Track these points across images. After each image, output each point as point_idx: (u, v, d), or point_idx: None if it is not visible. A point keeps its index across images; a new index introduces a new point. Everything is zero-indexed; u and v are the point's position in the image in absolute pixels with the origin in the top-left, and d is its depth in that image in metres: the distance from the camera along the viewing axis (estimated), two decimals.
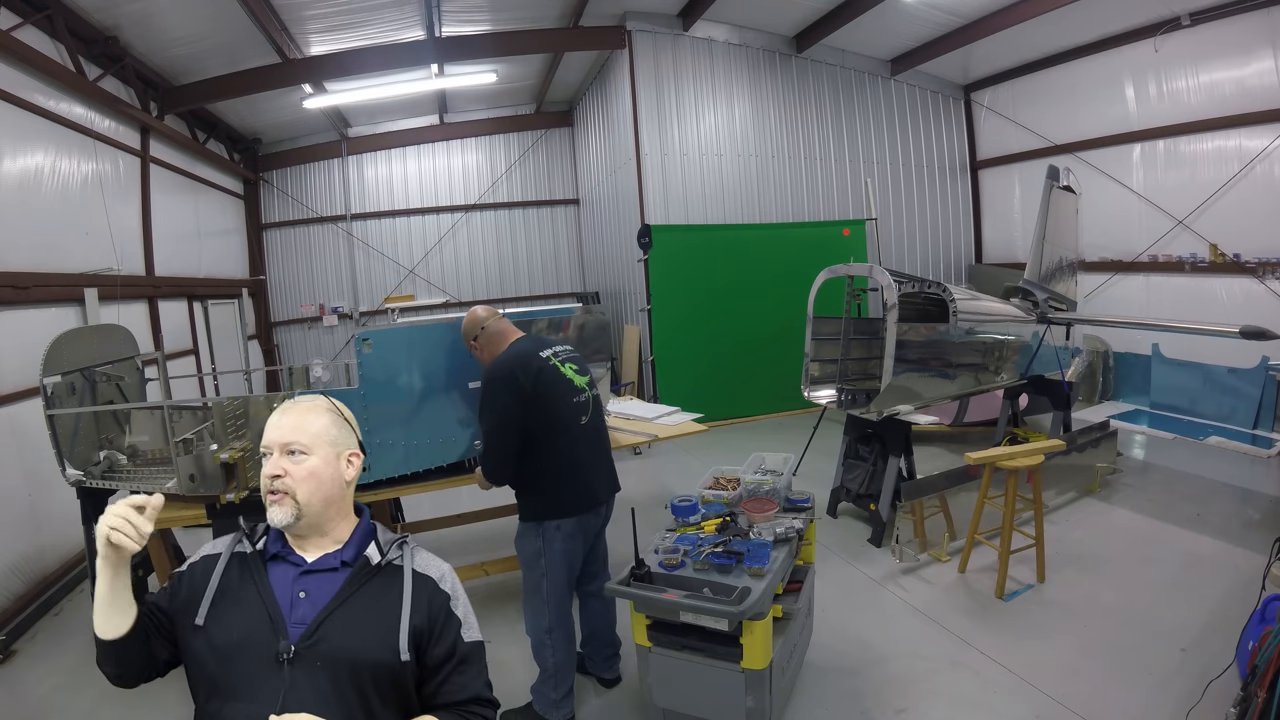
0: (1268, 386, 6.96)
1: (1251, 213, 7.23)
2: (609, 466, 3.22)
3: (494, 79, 9.46)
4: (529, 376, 2.87)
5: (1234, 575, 3.96)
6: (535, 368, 2.91)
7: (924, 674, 3.33)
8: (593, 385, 3.14)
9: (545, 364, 2.95)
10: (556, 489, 2.97)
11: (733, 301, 8.94)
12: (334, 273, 11.90)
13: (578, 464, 3.01)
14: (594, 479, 3.09)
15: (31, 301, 5.34)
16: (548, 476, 2.95)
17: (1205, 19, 7.38)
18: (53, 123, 5.91)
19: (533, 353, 2.96)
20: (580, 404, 3.03)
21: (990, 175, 10.84)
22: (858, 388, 5.56)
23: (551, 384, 2.94)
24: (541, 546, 2.98)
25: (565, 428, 2.97)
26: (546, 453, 2.93)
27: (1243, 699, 2.41)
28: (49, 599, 4.78)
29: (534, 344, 3.04)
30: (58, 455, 3.49)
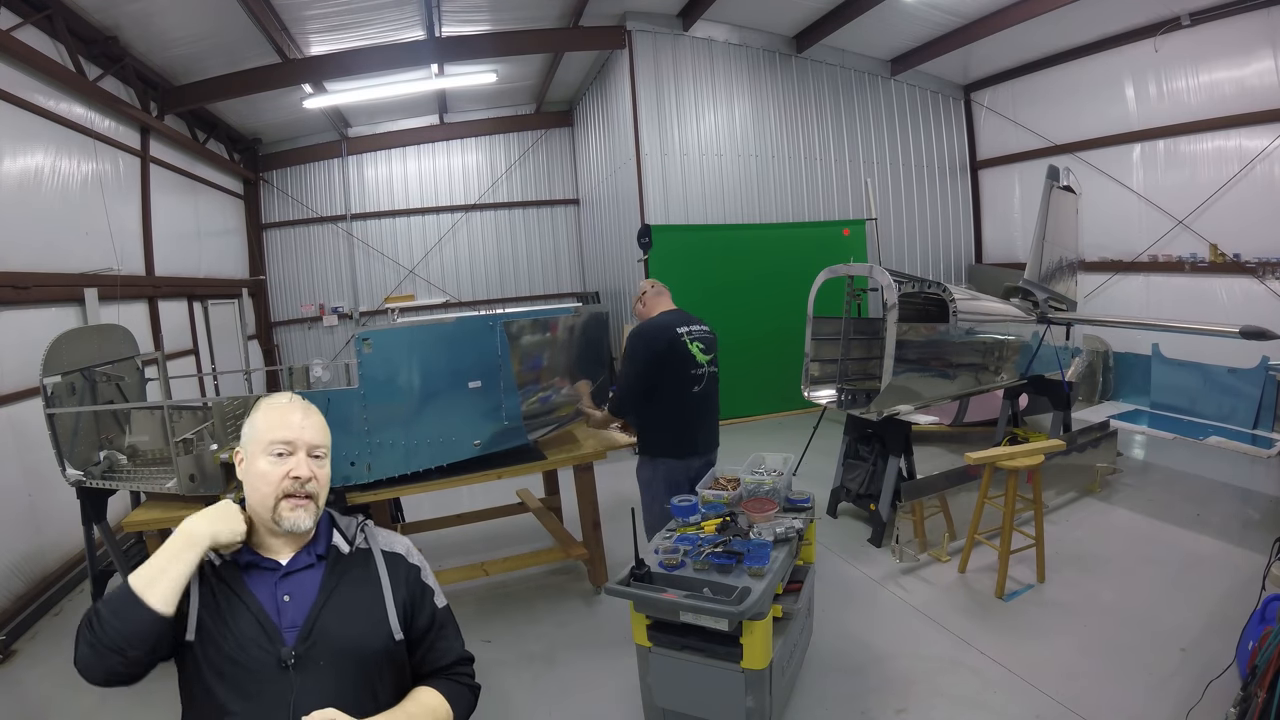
0: (1268, 386, 6.96)
1: (1251, 213, 7.23)
2: (713, 427, 3.86)
3: (494, 79, 9.46)
4: (663, 343, 3.57)
5: (1234, 575, 3.96)
6: (668, 338, 3.58)
7: (924, 674, 3.33)
8: (714, 363, 3.74)
9: (677, 338, 3.60)
10: (667, 435, 3.67)
11: (733, 301, 8.92)
12: (334, 273, 11.90)
13: (687, 421, 3.68)
14: (696, 434, 3.73)
15: (31, 301, 5.34)
16: (663, 425, 3.67)
17: (1205, 19, 7.38)
18: (53, 123, 5.91)
19: (671, 326, 3.63)
20: (696, 375, 3.65)
21: (990, 175, 10.84)
22: (858, 388, 5.56)
23: (678, 355, 3.59)
24: (652, 475, 3.70)
25: (679, 390, 3.61)
26: (665, 406, 3.62)
27: (1243, 699, 2.41)
28: (49, 599, 4.78)
29: (677, 319, 3.69)
30: (58, 455, 3.49)
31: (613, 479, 4.86)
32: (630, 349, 3.65)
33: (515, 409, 3.93)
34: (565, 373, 4.36)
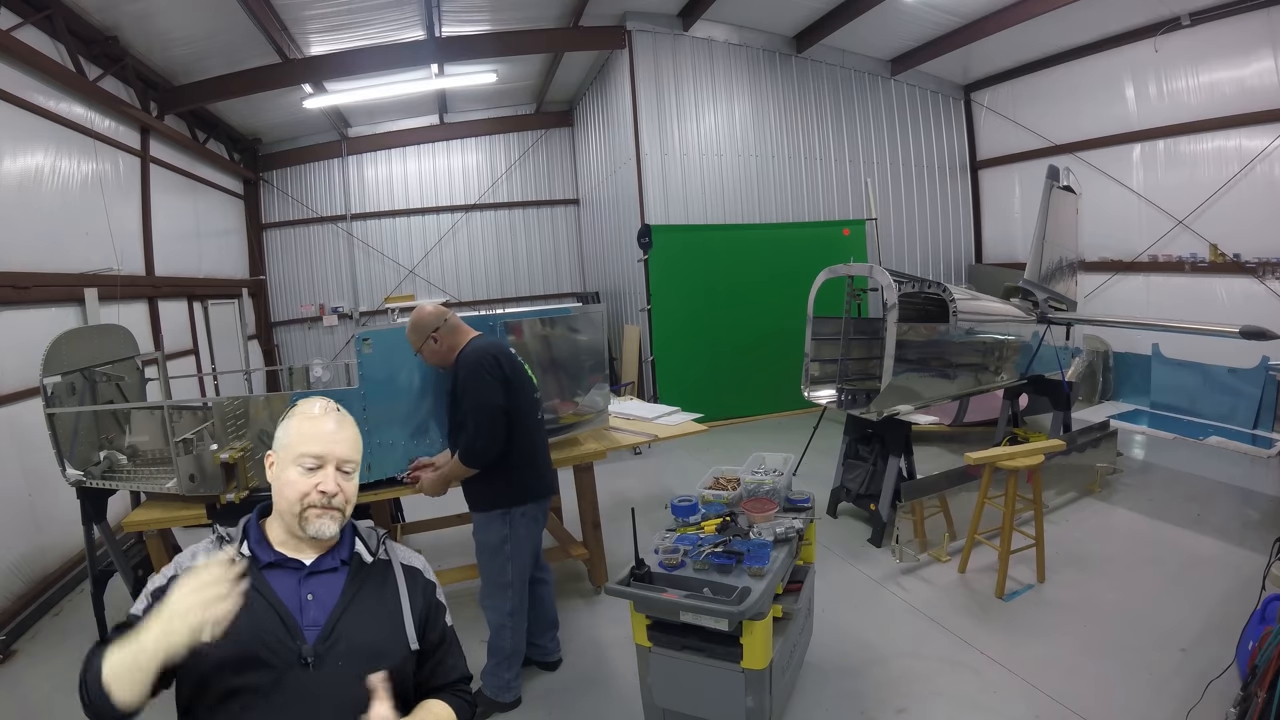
0: (1268, 386, 6.96)
1: (1251, 213, 7.23)
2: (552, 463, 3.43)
3: (494, 79, 9.46)
4: (506, 362, 3.05)
5: (1234, 575, 3.96)
6: (509, 357, 3.10)
7: (924, 674, 3.33)
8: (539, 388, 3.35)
9: (513, 356, 3.15)
10: (523, 476, 3.13)
11: (733, 301, 8.94)
12: (334, 273, 11.90)
13: (538, 453, 3.23)
14: (547, 469, 3.32)
15: (31, 301, 5.33)
16: (515, 464, 3.09)
17: (1205, 19, 7.38)
18: (53, 123, 5.91)
19: (503, 345, 3.17)
20: (537, 400, 3.27)
21: (990, 175, 10.84)
22: (858, 388, 5.56)
23: (521, 374, 3.15)
24: (509, 533, 3.11)
25: (530, 415, 3.17)
26: (522, 439, 3.09)
27: (1243, 699, 2.41)
28: (49, 599, 4.78)
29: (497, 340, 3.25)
30: (58, 455, 3.49)
31: (613, 479, 4.88)
32: (478, 382, 2.94)
33: None
34: (567, 375, 4.36)
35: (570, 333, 4.39)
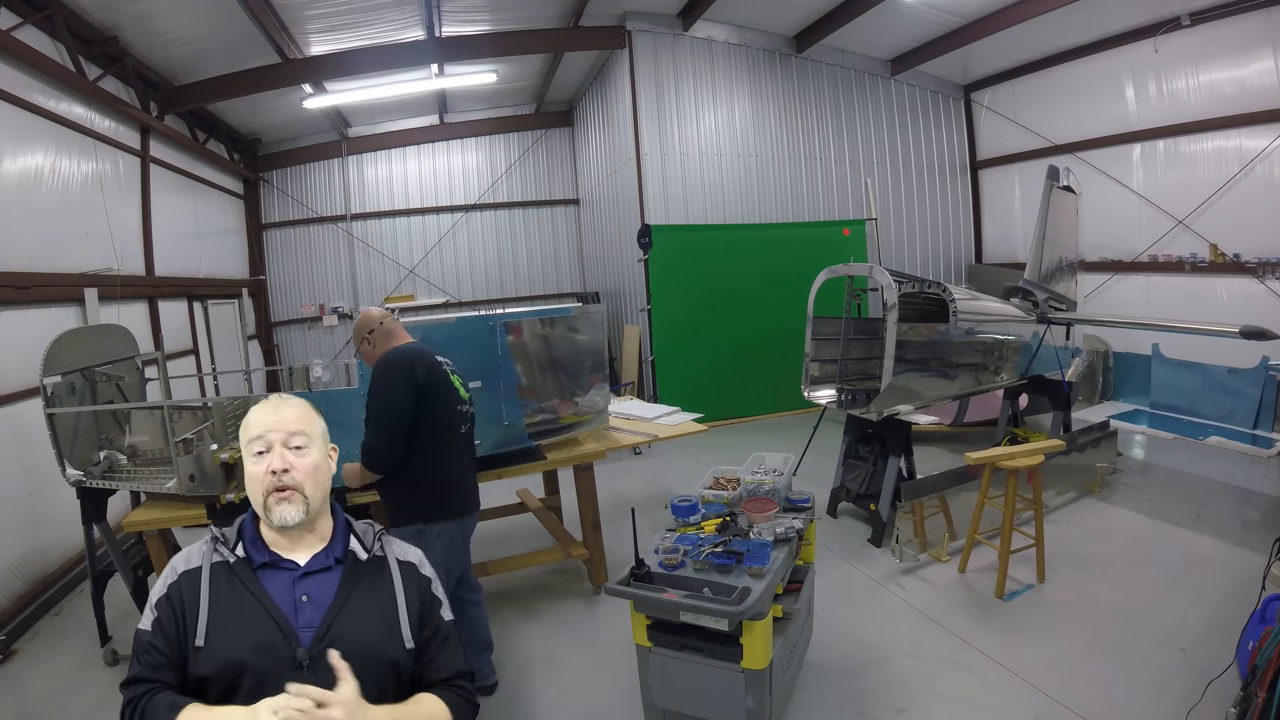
0: (1268, 386, 6.96)
1: (1251, 213, 7.23)
2: (476, 481, 3.30)
3: (494, 79, 9.46)
4: (423, 369, 2.95)
5: (1234, 575, 3.96)
6: (429, 364, 2.98)
7: (924, 674, 3.33)
8: (471, 403, 3.24)
9: (437, 365, 3.03)
10: (439, 491, 3.01)
11: (733, 301, 8.94)
12: (334, 273, 11.90)
13: (458, 468, 3.09)
14: (469, 487, 3.18)
15: (31, 301, 5.33)
16: (429, 478, 2.98)
17: (1205, 19, 7.38)
18: (53, 123, 5.91)
19: (426, 353, 3.04)
20: (463, 413, 3.13)
21: (990, 175, 10.84)
22: (858, 388, 5.56)
23: (442, 385, 3.02)
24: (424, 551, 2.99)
25: (450, 429, 3.05)
26: (429, 452, 2.97)
27: (1243, 699, 2.41)
28: (49, 599, 4.78)
29: (426, 348, 3.09)
30: (58, 455, 3.49)
31: (613, 479, 4.87)
32: (382, 384, 2.90)
33: (516, 411, 3.93)
34: (566, 375, 4.36)
35: (570, 333, 4.40)
